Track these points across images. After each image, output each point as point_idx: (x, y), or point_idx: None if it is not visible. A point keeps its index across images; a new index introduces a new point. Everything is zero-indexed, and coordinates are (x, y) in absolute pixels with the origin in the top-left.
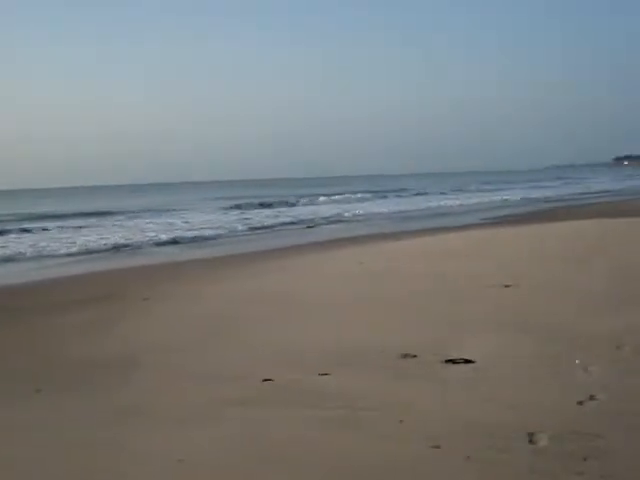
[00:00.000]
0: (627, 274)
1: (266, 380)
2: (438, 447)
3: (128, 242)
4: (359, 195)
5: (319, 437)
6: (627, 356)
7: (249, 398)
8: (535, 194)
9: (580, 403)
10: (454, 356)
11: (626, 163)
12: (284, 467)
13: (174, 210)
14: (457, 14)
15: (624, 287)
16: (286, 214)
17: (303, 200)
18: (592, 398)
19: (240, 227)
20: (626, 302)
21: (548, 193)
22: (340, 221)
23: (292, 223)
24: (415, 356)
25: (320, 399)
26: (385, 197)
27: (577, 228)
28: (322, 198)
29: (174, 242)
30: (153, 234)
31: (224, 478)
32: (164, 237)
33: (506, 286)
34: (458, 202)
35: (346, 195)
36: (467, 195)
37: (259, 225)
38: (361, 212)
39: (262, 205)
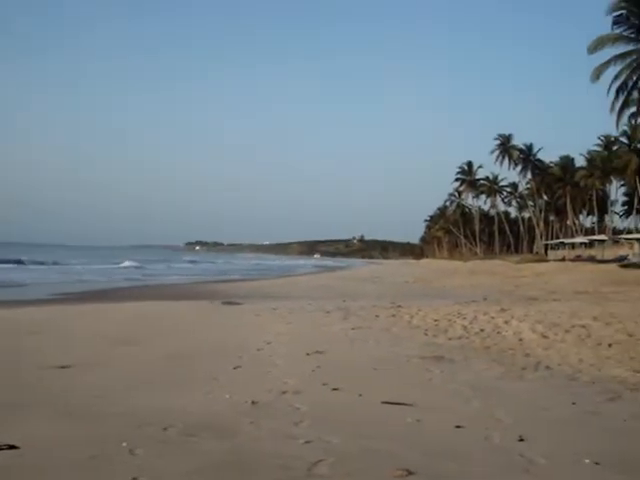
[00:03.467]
0: (179, 356)
1: None
2: None
3: None
4: None
5: None
6: (173, 437)
7: None
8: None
9: None
10: None
11: (197, 248)
12: None
13: None
14: None
15: (176, 369)
16: None
17: None
18: None
19: None
20: (177, 383)
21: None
22: None
23: None
24: None
25: None
26: None
27: (139, 309)
28: None
29: None
30: None
31: None
32: None
33: (62, 367)
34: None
35: None
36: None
37: None
38: None
39: None
